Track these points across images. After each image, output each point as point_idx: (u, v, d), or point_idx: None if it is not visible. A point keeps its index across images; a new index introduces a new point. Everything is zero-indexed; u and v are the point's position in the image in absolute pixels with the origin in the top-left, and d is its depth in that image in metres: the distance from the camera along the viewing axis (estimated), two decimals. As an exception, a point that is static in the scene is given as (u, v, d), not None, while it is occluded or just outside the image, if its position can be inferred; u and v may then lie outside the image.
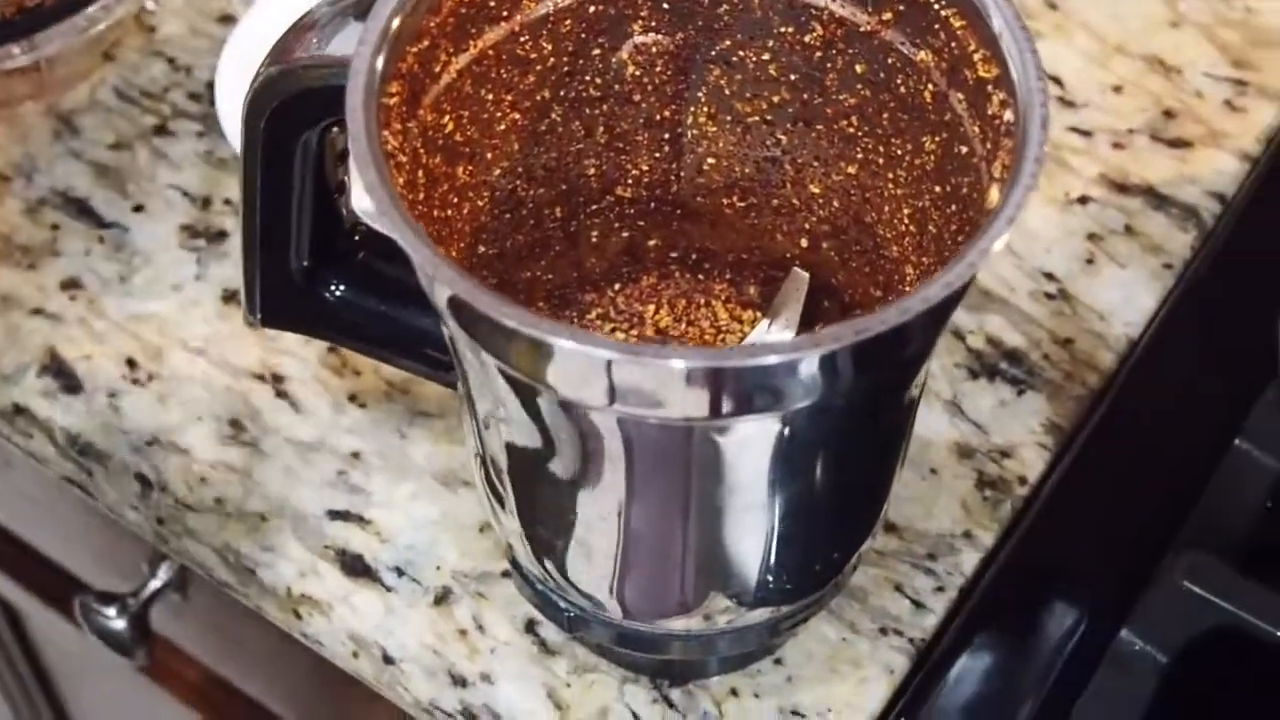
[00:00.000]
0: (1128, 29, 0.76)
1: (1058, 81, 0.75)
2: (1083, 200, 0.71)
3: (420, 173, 0.52)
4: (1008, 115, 0.49)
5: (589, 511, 0.53)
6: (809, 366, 0.45)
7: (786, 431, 0.49)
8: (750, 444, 0.49)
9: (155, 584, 0.77)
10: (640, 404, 0.46)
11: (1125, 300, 0.69)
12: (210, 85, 0.74)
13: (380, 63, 0.49)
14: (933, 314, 0.45)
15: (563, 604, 0.58)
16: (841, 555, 0.57)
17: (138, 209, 0.72)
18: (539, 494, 0.54)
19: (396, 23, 0.50)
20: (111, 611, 0.76)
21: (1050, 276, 0.70)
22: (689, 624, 0.56)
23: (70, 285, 0.70)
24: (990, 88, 0.50)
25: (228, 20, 0.76)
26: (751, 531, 0.53)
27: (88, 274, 0.70)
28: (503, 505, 0.56)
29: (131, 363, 0.68)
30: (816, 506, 0.54)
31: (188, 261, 0.70)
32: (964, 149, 0.51)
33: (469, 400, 0.53)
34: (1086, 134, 0.73)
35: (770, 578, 0.55)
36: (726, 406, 0.46)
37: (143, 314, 0.69)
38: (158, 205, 0.72)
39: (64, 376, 0.68)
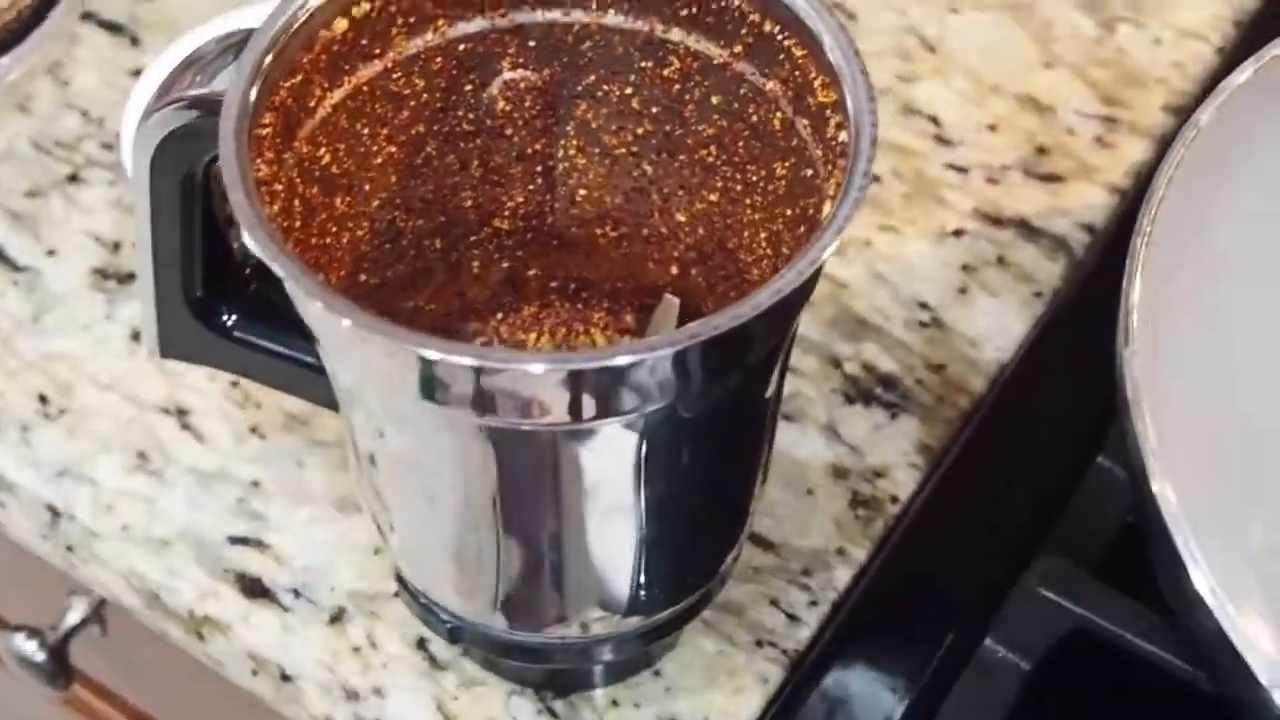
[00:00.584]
0: (1003, 70, 0.80)
1: (935, 121, 0.78)
2: (957, 233, 0.75)
3: (296, 201, 0.55)
4: (843, 136, 0.52)
5: (461, 523, 0.55)
6: (662, 366, 0.48)
7: (645, 437, 0.52)
8: (611, 449, 0.52)
9: (73, 618, 0.79)
10: (507, 412, 0.49)
11: (996, 327, 0.72)
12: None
13: (253, 95, 0.52)
14: (768, 319, 0.48)
15: (444, 616, 0.60)
16: (708, 564, 0.60)
17: (50, 253, 0.74)
18: (414, 507, 0.57)
19: (269, 58, 0.53)
20: (32, 645, 0.79)
21: (924, 306, 0.73)
22: (566, 632, 0.59)
23: (-16, 326, 0.73)
24: (829, 112, 0.53)
25: (139, 74, 0.79)
26: (619, 539, 0.56)
27: (1, 316, 0.73)
28: (383, 520, 0.58)
29: (43, 398, 0.71)
30: (679, 514, 0.57)
31: (98, 302, 0.73)
32: (809, 172, 0.55)
33: (345, 417, 0.56)
34: (962, 170, 0.77)
35: (640, 585, 0.58)
36: (580, 411, 0.49)
37: (54, 352, 0.72)
38: (70, 249, 0.74)
39: (-24, 413, 0.70)
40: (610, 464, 0.53)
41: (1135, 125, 0.78)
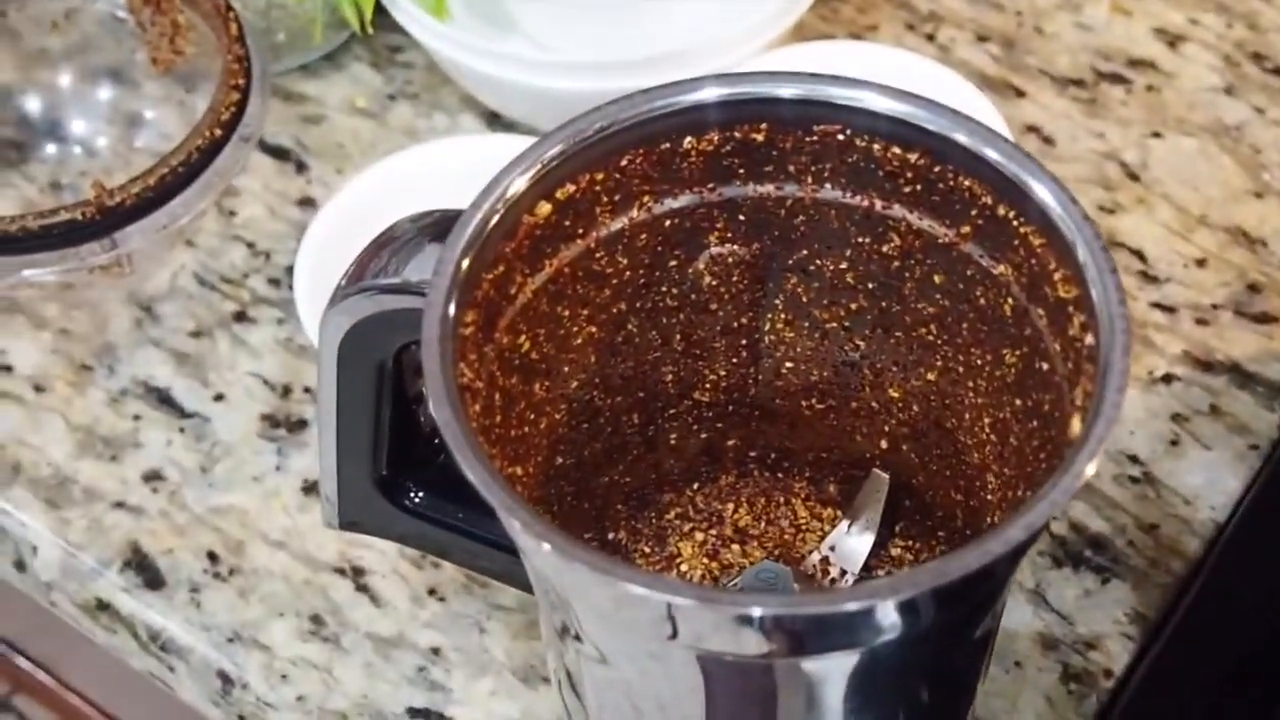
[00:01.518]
0: (1210, 199, 0.76)
1: (1140, 255, 0.74)
2: (1166, 379, 0.71)
3: (497, 395, 0.52)
4: (1089, 339, 0.48)
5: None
6: (885, 610, 0.45)
7: (867, 662, 0.48)
8: (830, 676, 0.49)
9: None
10: (717, 645, 0.46)
11: (1210, 483, 0.68)
12: (289, 269, 0.74)
13: (456, 294, 0.49)
14: (1014, 552, 0.45)
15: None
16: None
17: (218, 398, 0.72)
18: (614, 715, 0.53)
19: (472, 251, 0.50)
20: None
21: (1134, 459, 0.69)
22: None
23: (152, 477, 0.70)
24: (1070, 308, 0.49)
25: (306, 203, 0.77)
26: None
27: (169, 465, 0.70)
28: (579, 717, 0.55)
29: (213, 556, 0.68)
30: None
31: (268, 451, 0.70)
32: (1045, 365, 0.51)
33: (547, 615, 0.53)
34: (1170, 310, 0.72)
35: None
36: (802, 647, 0.46)
37: (223, 506, 0.69)
38: (238, 394, 0.72)
39: (146, 571, 0.68)
40: (828, 692, 0.49)
41: (1353, 259, 0.73)
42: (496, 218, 0.50)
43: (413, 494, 0.60)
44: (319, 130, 0.80)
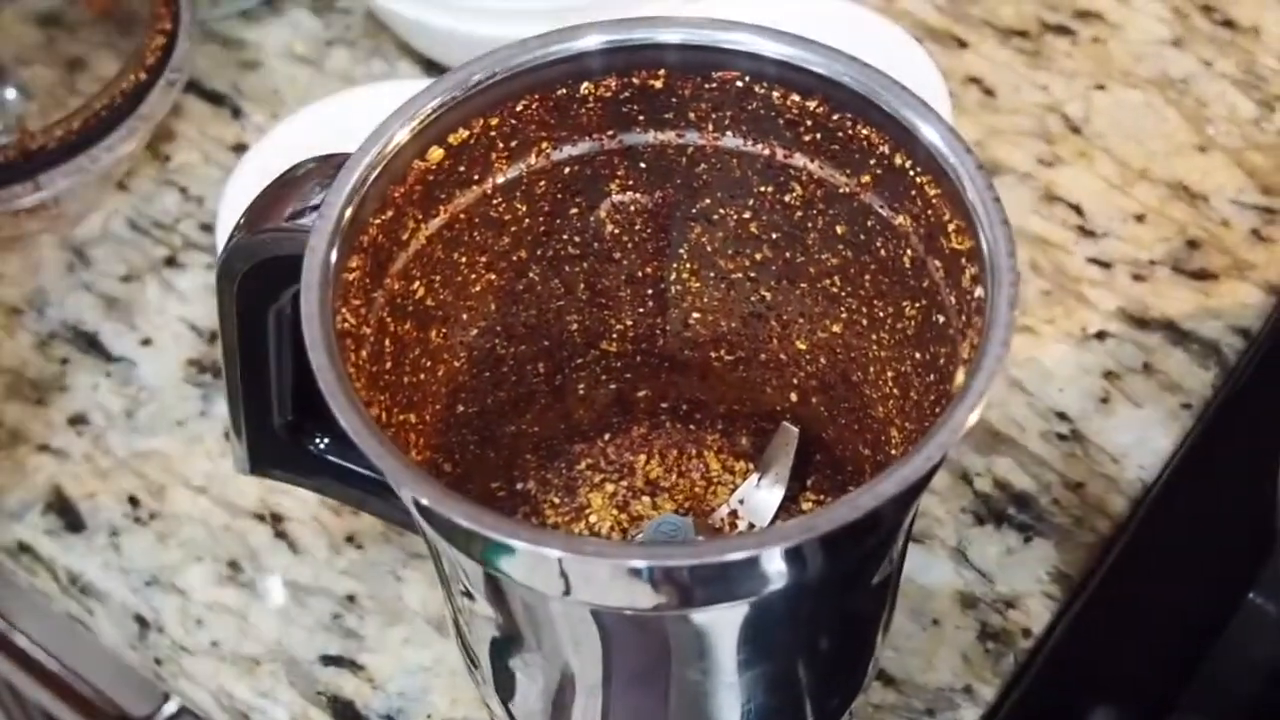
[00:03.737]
0: (1152, 153, 0.75)
1: (1078, 210, 0.73)
2: (1100, 336, 0.70)
3: (387, 341, 0.51)
4: (979, 291, 0.47)
5: (565, 694, 0.52)
6: (758, 563, 0.44)
7: (759, 614, 0.48)
8: (722, 627, 0.48)
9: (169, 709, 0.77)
10: (604, 598, 0.46)
11: (1140, 442, 0.67)
12: (222, 214, 0.74)
13: (339, 239, 0.48)
14: (893, 502, 0.44)
15: (543, 767, 0.57)
16: (826, 718, 0.56)
17: (145, 342, 0.72)
18: (513, 671, 0.53)
19: (358, 197, 0.49)
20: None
21: (1063, 416, 0.68)
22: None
23: (77, 420, 0.70)
24: (964, 260, 0.48)
25: (241, 149, 0.76)
26: (732, 705, 0.52)
27: (94, 409, 0.70)
28: (478, 671, 0.55)
29: (134, 500, 0.68)
30: (796, 677, 0.53)
31: (193, 396, 0.70)
32: (942, 319, 0.50)
33: (441, 574, 0.53)
34: (1106, 265, 0.72)
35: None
36: (690, 600, 0.45)
37: (146, 450, 0.69)
38: (165, 339, 0.72)
39: (67, 514, 0.68)
40: (722, 642, 0.49)
41: (1296, 217, 0.72)
42: (384, 163, 0.50)
43: (318, 439, 0.59)
44: (256, 76, 0.79)
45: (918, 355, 0.52)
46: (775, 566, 0.44)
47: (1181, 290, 0.71)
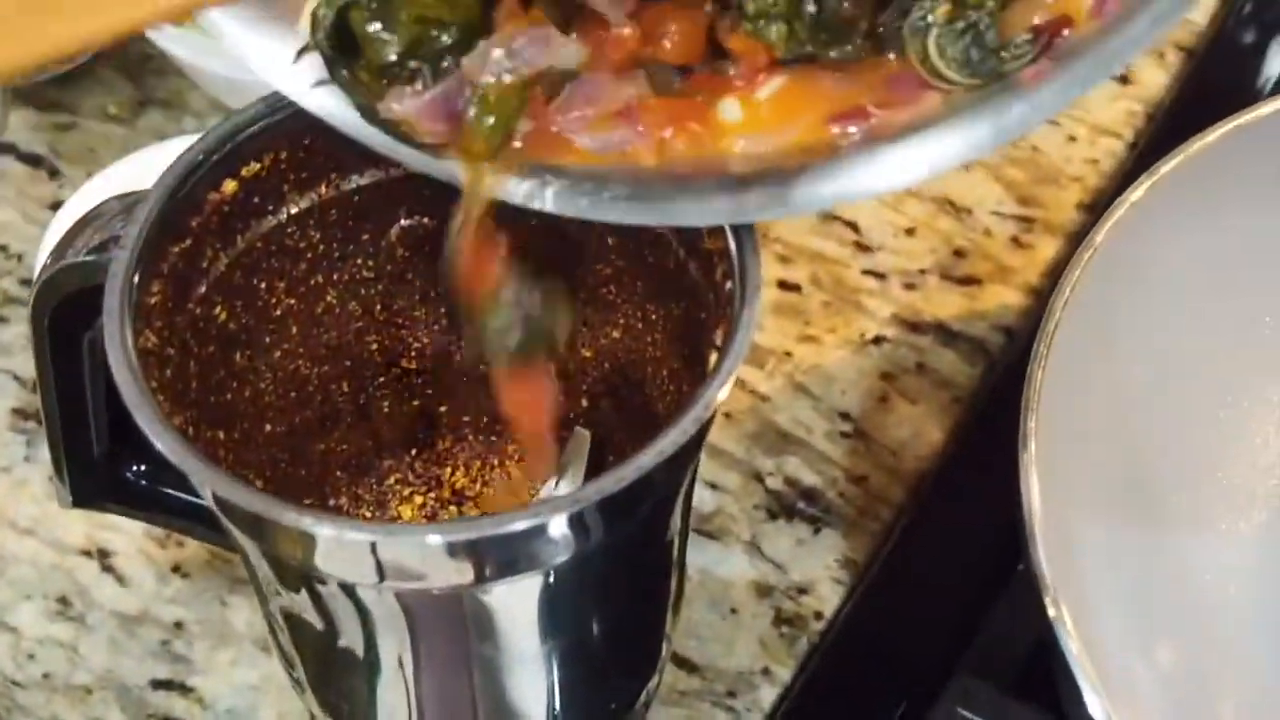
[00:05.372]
0: (920, 173, 0.80)
1: (854, 227, 0.78)
2: (877, 340, 0.75)
3: (192, 363, 0.55)
4: (728, 285, 0.52)
5: (374, 680, 0.55)
6: (557, 527, 0.48)
7: (551, 588, 0.52)
8: (517, 603, 0.52)
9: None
10: (406, 578, 0.49)
11: (916, 435, 0.72)
12: (42, 271, 0.77)
13: (139, 265, 0.52)
14: (657, 473, 0.48)
15: (364, 763, 0.60)
16: (626, 697, 0.60)
17: (-31, 395, 0.75)
18: (326, 665, 0.56)
19: (157, 226, 0.53)
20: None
21: (846, 416, 0.73)
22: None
23: (-96, 472, 0.73)
24: (716, 258, 0.53)
25: (59, 206, 0.79)
26: (533, 684, 0.56)
27: (-79, 460, 0.73)
28: (297, 679, 0.58)
29: (-36, 545, 0.71)
30: (592, 654, 0.57)
31: (17, 443, 0.73)
32: (703, 314, 0.55)
33: (252, 576, 0.56)
34: (881, 276, 0.77)
35: (559, 725, 0.58)
36: (487, 572, 0.49)
37: (-26, 497, 0.72)
38: (-11, 390, 0.75)
39: (-102, 562, 0.70)
40: (518, 617, 0.53)
41: (1050, 224, 0.78)
42: (181, 195, 0.53)
43: (136, 467, 0.63)
44: (71, 137, 0.82)
45: (686, 352, 0.57)
46: (560, 532, 0.48)
47: (950, 295, 0.76)
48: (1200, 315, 0.62)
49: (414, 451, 0.65)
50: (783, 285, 0.76)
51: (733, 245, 0.52)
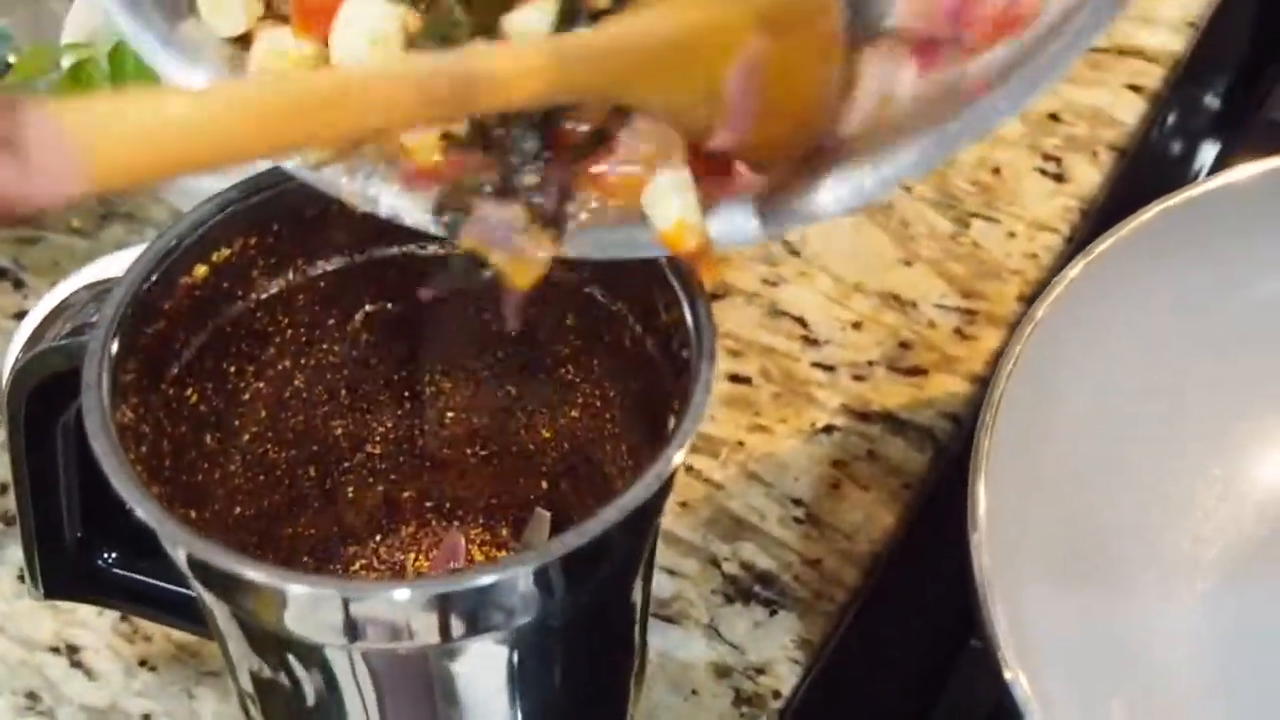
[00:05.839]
0: (865, 268, 0.83)
1: (802, 322, 0.81)
2: (828, 430, 0.77)
3: (165, 441, 0.56)
4: (685, 354, 0.54)
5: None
6: (521, 583, 0.50)
7: (515, 649, 0.53)
8: (483, 664, 0.54)
9: None
10: (375, 638, 0.51)
11: (868, 519, 0.74)
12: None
13: (115, 343, 0.54)
14: (620, 531, 0.50)
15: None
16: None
17: (-62, 498, 0.76)
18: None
19: (130, 307, 0.55)
20: None
21: (799, 502, 0.75)
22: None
23: (-128, 575, 0.73)
24: (672, 330, 0.55)
25: (23, 316, 0.81)
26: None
27: (-111, 563, 0.74)
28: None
29: (-68, 644, 0.71)
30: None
31: (-15, 544, 0.74)
32: (661, 388, 0.57)
33: (224, 650, 0.57)
34: (830, 369, 0.79)
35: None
36: (453, 629, 0.51)
37: (-58, 597, 0.73)
38: (-43, 493, 0.76)
39: None
40: (483, 682, 0.54)
41: (992, 316, 0.81)
42: (155, 278, 0.56)
43: (107, 555, 0.64)
44: (35, 250, 0.84)
45: (645, 426, 0.59)
46: (525, 587, 0.50)
47: (897, 385, 0.79)
48: (1138, 388, 0.65)
49: (378, 538, 0.67)
50: (734, 378, 0.79)
51: (689, 314, 0.54)
